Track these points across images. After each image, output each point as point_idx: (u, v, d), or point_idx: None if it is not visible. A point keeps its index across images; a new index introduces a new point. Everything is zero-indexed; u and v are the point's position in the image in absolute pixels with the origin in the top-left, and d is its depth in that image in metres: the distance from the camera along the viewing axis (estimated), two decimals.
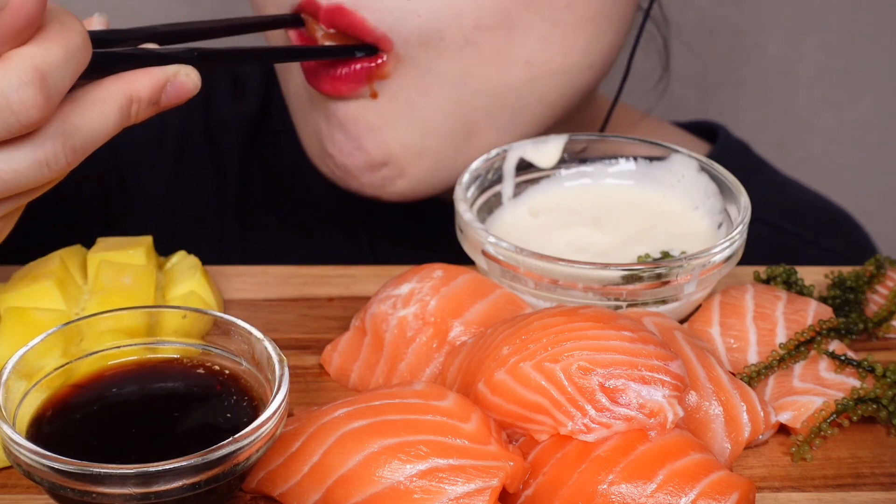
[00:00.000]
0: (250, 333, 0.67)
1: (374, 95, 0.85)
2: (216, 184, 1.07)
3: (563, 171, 0.88)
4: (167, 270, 0.81)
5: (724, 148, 1.07)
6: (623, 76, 0.97)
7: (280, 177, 1.06)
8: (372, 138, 0.87)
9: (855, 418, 0.72)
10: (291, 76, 0.90)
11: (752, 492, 0.65)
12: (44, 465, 0.59)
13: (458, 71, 0.85)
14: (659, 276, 0.76)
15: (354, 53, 0.84)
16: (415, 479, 0.63)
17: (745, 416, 0.71)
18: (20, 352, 0.65)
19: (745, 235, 0.79)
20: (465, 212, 0.80)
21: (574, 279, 0.76)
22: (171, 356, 0.69)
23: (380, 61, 0.84)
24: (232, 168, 1.07)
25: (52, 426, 0.64)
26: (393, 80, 0.85)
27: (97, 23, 0.71)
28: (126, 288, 0.76)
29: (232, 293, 0.85)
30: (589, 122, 1.00)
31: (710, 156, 1.04)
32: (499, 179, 0.86)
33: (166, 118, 1.16)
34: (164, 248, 0.86)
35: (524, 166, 0.87)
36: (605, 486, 0.64)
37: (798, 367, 0.76)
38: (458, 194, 0.81)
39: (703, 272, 0.77)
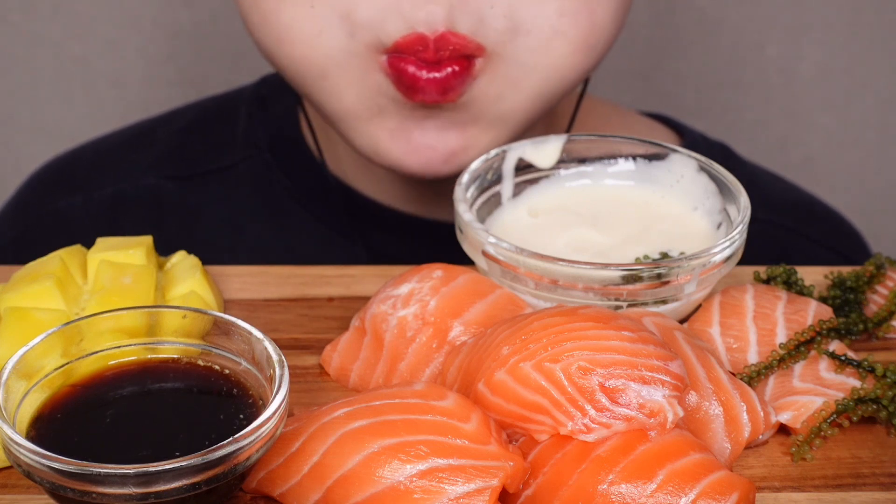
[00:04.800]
0: (250, 333, 0.67)
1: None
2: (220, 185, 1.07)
3: (563, 172, 0.88)
4: (167, 270, 0.81)
5: (693, 139, 1.07)
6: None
7: (280, 174, 1.06)
8: (455, 132, 0.87)
9: (855, 418, 0.72)
10: (343, 91, 0.88)
11: (752, 492, 0.65)
12: (44, 465, 0.59)
13: (547, 62, 0.85)
14: (659, 276, 0.76)
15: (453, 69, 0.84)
16: (415, 479, 0.63)
17: (745, 416, 0.71)
18: (20, 352, 0.65)
19: (744, 235, 0.79)
20: (464, 212, 0.80)
21: (574, 279, 0.76)
22: (171, 356, 0.69)
23: (474, 65, 0.84)
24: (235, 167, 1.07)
25: (52, 426, 0.64)
26: (483, 76, 0.85)
27: None
28: (126, 288, 0.76)
29: (232, 293, 0.85)
30: (561, 113, 1.00)
31: (685, 147, 1.04)
32: (498, 180, 0.86)
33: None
34: (166, 248, 0.86)
35: (523, 166, 0.87)
36: (605, 486, 0.64)
37: (798, 367, 0.76)
38: (458, 194, 0.81)
39: (703, 272, 0.77)
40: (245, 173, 1.06)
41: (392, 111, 0.87)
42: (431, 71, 0.83)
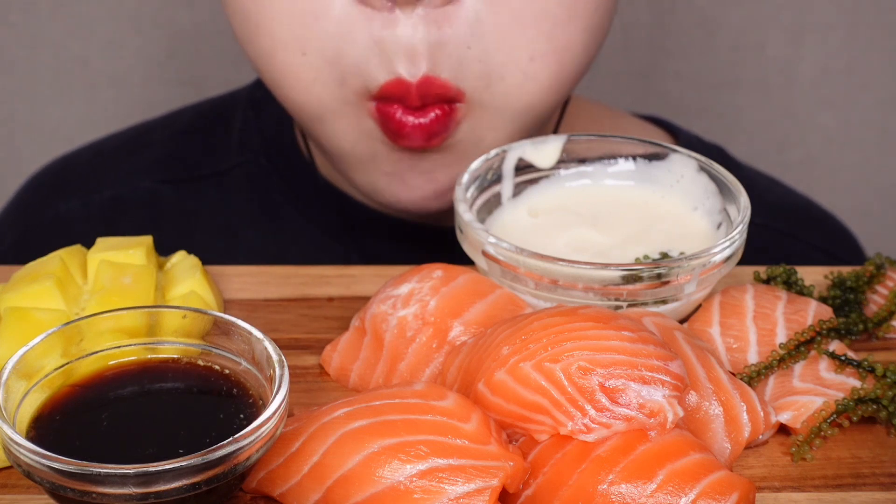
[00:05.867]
0: (250, 333, 0.67)
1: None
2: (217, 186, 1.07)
3: (563, 172, 0.88)
4: (167, 270, 0.81)
5: (688, 141, 1.08)
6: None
7: (275, 179, 1.06)
8: (444, 172, 0.89)
9: (855, 418, 0.72)
10: (339, 135, 0.89)
11: (752, 492, 0.65)
12: (44, 465, 0.59)
13: (520, 104, 0.87)
14: (659, 276, 0.76)
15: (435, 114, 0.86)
16: (415, 479, 0.63)
17: (745, 416, 0.71)
18: (20, 352, 0.65)
19: (744, 235, 0.79)
20: (464, 212, 0.80)
21: (574, 279, 0.76)
22: (171, 356, 0.69)
23: (457, 113, 0.86)
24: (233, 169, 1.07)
25: (52, 426, 0.64)
26: (465, 122, 0.87)
27: None
28: (126, 288, 0.76)
29: (232, 293, 0.85)
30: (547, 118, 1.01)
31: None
32: (498, 180, 0.86)
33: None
34: (162, 251, 0.86)
35: (523, 166, 0.87)
36: (605, 486, 0.64)
37: (798, 367, 0.76)
38: (458, 195, 0.81)
39: (703, 272, 0.77)
40: (241, 177, 1.06)
41: (384, 155, 0.88)
42: (417, 116, 0.84)
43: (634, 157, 0.88)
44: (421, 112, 0.85)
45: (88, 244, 0.81)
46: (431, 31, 0.82)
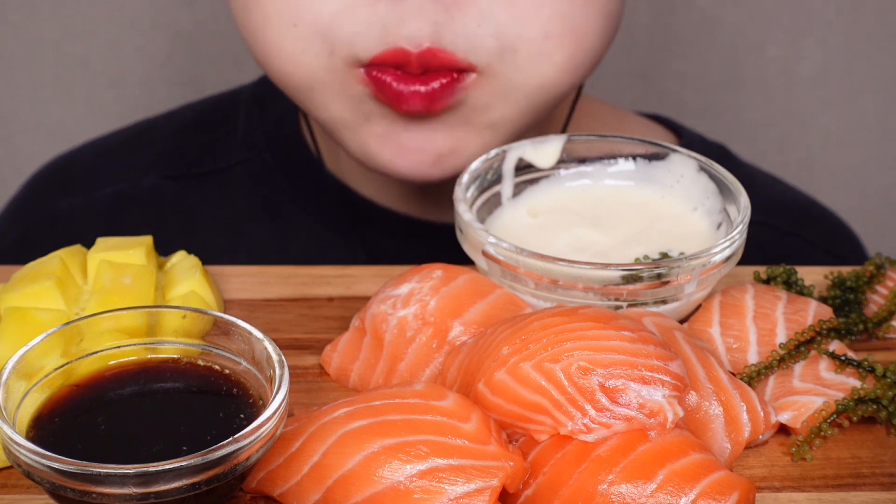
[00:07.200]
0: (250, 333, 0.67)
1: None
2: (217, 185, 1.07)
3: (563, 172, 0.88)
4: (167, 270, 0.81)
5: (690, 140, 1.08)
6: None
7: (279, 175, 1.06)
8: (445, 135, 0.88)
9: (855, 418, 0.72)
10: (329, 103, 0.88)
11: (752, 492, 0.65)
12: (44, 465, 0.59)
13: (534, 81, 0.86)
14: (659, 276, 0.76)
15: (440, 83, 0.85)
16: (415, 479, 0.63)
17: (745, 416, 0.71)
18: (20, 352, 0.65)
19: (744, 235, 0.79)
20: (464, 212, 0.80)
21: (574, 279, 0.76)
22: (171, 356, 0.69)
23: (465, 80, 0.85)
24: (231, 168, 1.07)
25: (52, 426, 0.64)
26: (474, 91, 0.86)
27: None
28: (126, 288, 0.76)
29: (232, 293, 0.85)
30: (556, 115, 1.01)
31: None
32: (498, 180, 0.86)
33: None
34: (165, 248, 0.86)
35: (523, 166, 0.87)
36: (605, 486, 0.64)
37: (798, 367, 0.76)
38: (458, 195, 0.81)
39: (703, 272, 0.77)
40: (244, 174, 1.06)
41: (379, 116, 0.88)
42: (415, 83, 0.84)
43: (634, 157, 0.88)
44: (422, 79, 0.84)
45: (91, 241, 0.81)
46: (439, 11, 0.82)
